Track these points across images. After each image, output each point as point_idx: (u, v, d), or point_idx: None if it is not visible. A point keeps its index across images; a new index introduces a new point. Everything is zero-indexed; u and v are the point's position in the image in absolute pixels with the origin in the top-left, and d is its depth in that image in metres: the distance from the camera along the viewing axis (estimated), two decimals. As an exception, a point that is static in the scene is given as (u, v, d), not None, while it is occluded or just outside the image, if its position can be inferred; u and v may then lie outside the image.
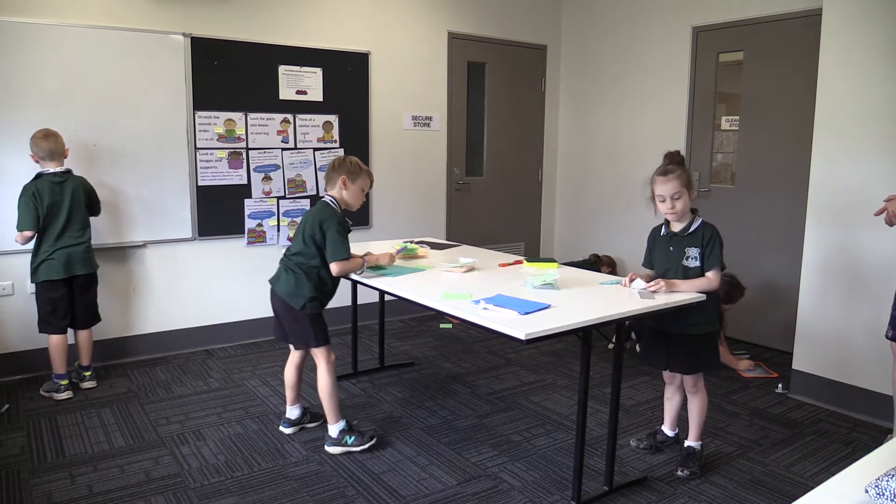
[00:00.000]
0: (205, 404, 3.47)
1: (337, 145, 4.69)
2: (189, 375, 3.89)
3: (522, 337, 2.10)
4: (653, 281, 2.62)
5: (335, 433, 2.93)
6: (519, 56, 5.67)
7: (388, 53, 4.92)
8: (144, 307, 4.18)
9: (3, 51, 3.54)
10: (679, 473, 2.76)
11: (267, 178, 4.48)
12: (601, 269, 4.96)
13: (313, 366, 3.03)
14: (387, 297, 3.41)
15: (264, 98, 4.39)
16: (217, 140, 4.25)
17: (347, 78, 4.73)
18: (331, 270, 2.84)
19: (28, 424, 3.18)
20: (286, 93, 4.47)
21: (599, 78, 5.54)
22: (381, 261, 3.09)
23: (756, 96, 4.46)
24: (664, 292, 2.57)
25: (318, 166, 4.67)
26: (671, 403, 2.99)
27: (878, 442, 2.98)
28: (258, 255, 4.54)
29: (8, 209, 3.52)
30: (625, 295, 2.62)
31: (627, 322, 2.54)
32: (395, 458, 2.89)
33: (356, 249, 3.01)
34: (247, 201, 4.43)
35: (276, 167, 4.50)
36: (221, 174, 4.30)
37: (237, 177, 4.36)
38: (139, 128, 3.98)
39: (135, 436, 3.08)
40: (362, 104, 4.83)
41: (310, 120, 4.60)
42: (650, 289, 2.58)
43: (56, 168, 3.41)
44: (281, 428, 3.14)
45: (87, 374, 3.64)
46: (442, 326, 5.01)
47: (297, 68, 4.50)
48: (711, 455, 2.96)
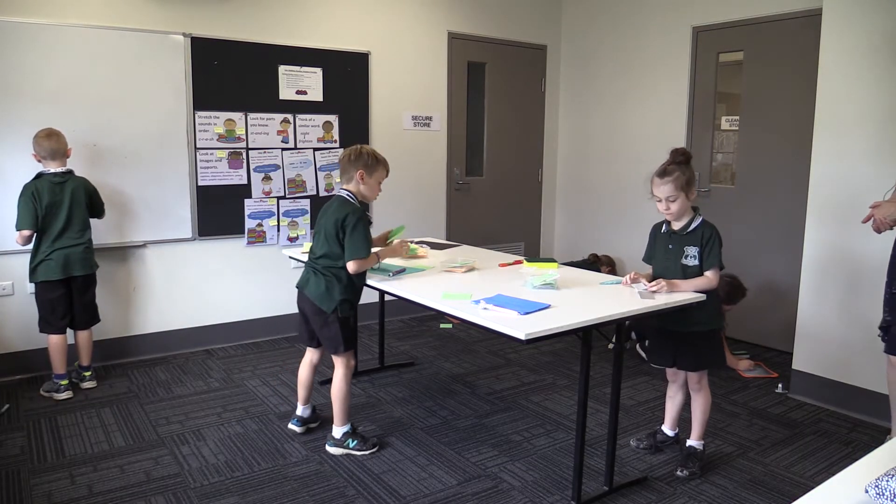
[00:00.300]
0: (205, 404, 3.47)
1: (337, 145, 4.69)
2: (189, 375, 3.89)
3: (522, 337, 2.10)
4: (654, 281, 2.62)
5: (339, 435, 2.93)
6: (519, 56, 5.67)
7: (388, 53, 4.92)
8: (144, 307, 4.18)
9: (3, 51, 3.55)
10: (679, 473, 2.76)
11: (267, 178, 4.48)
12: (600, 269, 4.96)
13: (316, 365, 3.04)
14: (387, 297, 3.41)
15: (264, 98, 4.39)
16: (217, 140, 4.25)
17: (347, 78, 4.73)
18: (349, 268, 2.76)
19: (28, 424, 3.18)
20: (286, 93, 4.47)
21: (599, 78, 5.54)
22: (397, 252, 3.05)
23: (756, 96, 4.46)
24: (665, 292, 2.57)
25: (318, 166, 4.67)
26: (673, 403, 2.99)
27: (879, 442, 2.98)
28: (258, 255, 4.54)
29: (8, 209, 3.53)
30: (625, 295, 2.62)
31: (627, 322, 2.54)
32: (395, 458, 2.89)
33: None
34: (247, 201, 4.43)
35: (276, 167, 4.50)
36: (221, 174, 4.30)
37: (237, 177, 4.36)
38: (139, 128, 3.98)
39: (135, 436, 3.08)
40: (362, 104, 4.83)
41: (310, 120, 4.60)
42: (651, 289, 2.58)
43: (58, 168, 3.41)
44: (292, 426, 3.11)
45: (87, 374, 3.64)
46: (442, 326, 5.01)
47: (297, 68, 4.50)
48: (711, 455, 2.96)
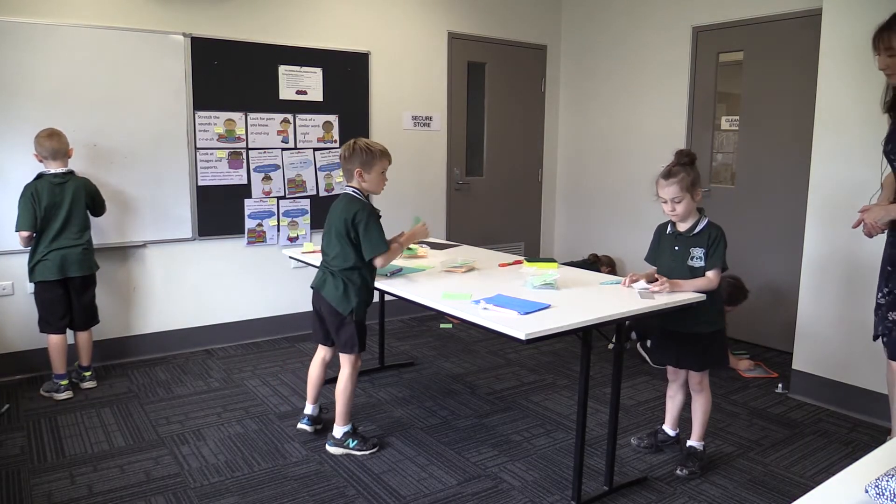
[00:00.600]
0: (205, 404, 3.47)
1: (337, 145, 4.68)
2: (189, 375, 3.89)
3: (522, 337, 2.10)
4: (658, 280, 2.62)
5: (339, 434, 2.92)
6: (519, 56, 5.67)
7: (388, 53, 4.92)
8: (144, 307, 4.18)
9: (3, 51, 3.54)
10: (679, 473, 2.76)
11: (267, 178, 4.48)
12: (600, 269, 4.96)
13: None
14: (387, 297, 3.40)
15: (264, 98, 4.39)
16: (217, 140, 4.25)
17: (347, 78, 4.73)
18: (375, 265, 2.75)
19: (28, 424, 3.18)
20: (286, 93, 4.47)
21: (599, 78, 5.54)
22: (418, 236, 3.02)
23: (756, 96, 4.46)
24: (667, 292, 2.57)
25: (318, 166, 4.67)
26: (673, 402, 2.99)
27: (879, 442, 2.98)
28: (258, 255, 4.54)
29: (8, 209, 3.53)
30: (625, 295, 2.62)
31: (627, 322, 2.54)
32: (395, 458, 2.89)
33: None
34: (247, 201, 4.43)
35: (276, 167, 4.50)
36: (221, 174, 4.30)
37: (237, 177, 4.36)
38: (139, 128, 3.98)
39: (135, 436, 3.08)
40: (362, 104, 4.83)
41: (310, 120, 4.60)
42: (653, 289, 2.58)
43: (59, 168, 3.41)
44: (302, 426, 3.09)
45: (87, 374, 3.64)
46: (442, 326, 5.01)
47: (297, 68, 4.50)
48: (711, 455, 2.96)
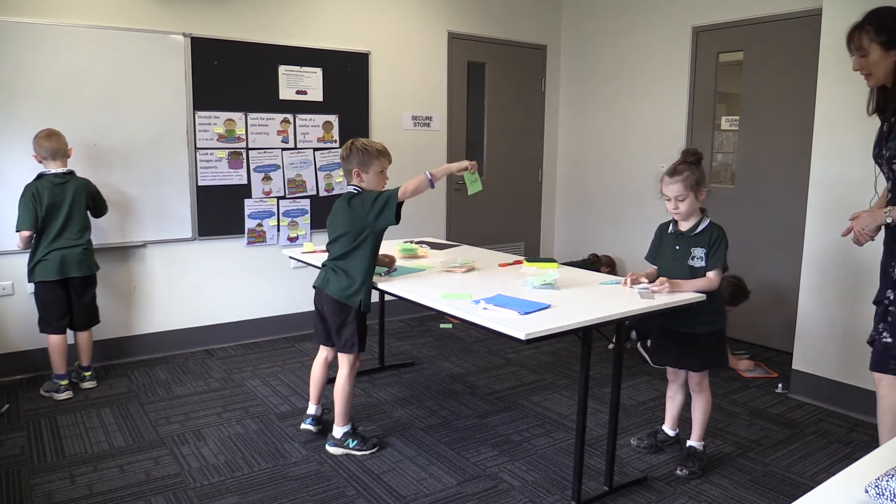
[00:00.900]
0: (205, 404, 3.47)
1: (337, 145, 4.68)
2: (189, 375, 3.89)
3: (522, 337, 2.10)
4: (657, 280, 2.62)
5: (339, 434, 2.93)
6: (519, 56, 5.67)
7: (388, 53, 4.92)
8: (144, 307, 4.18)
9: (3, 51, 3.54)
10: (678, 472, 2.76)
11: (267, 178, 4.48)
12: (600, 269, 4.96)
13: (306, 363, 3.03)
14: (387, 297, 3.40)
15: (264, 98, 4.39)
16: (217, 140, 4.25)
17: (347, 78, 4.72)
18: (399, 195, 2.69)
19: (28, 424, 3.18)
20: (286, 93, 4.47)
21: (599, 78, 5.54)
22: (453, 169, 2.89)
23: (756, 96, 4.46)
24: (667, 292, 2.57)
25: (318, 166, 4.67)
26: (673, 402, 2.99)
27: (878, 442, 2.98)
28: (258, 255, 4.54)
29: (8, 209, 3.53)
30: (625, 295, 2.62)
31: (627, 322, 2.54)
32: (396, 458, 2.89)
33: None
34: (247, 201, 4.43)
35: (276, 167, 4.50)
36: (221, 174, 4.30)
37: (237, 177, 4.36)
38: (139, 128, 3.98)
39: (135, 436, 3.08)
40: (362, 104, 4.83)
41: (310, 120, 4.60)
42: (654, 289, 2.58)
43: (58, 168, 3.41)
44: (306, 426, 3.09)
45: (87, 375, 3.64)
46: (442, 326, 5.01)
47: (297, 68, 4.50)
48: (711, 455, 2.96)
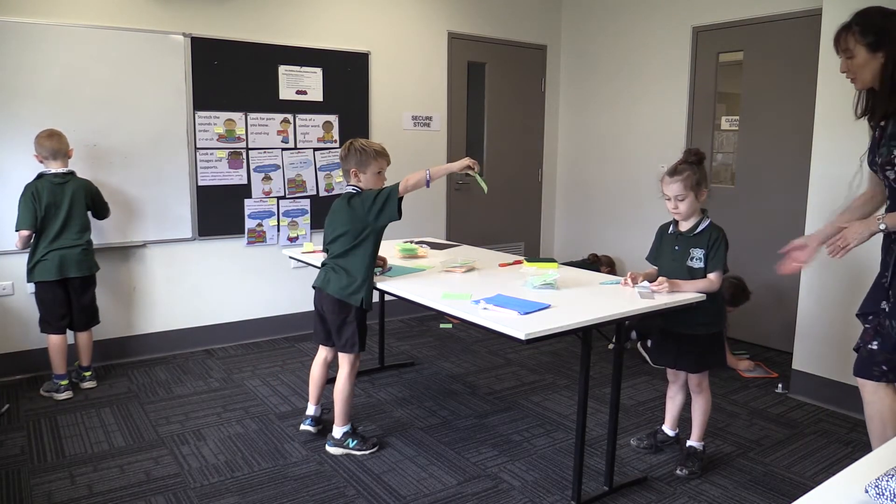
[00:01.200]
0: (205, 404, 3.47)
1: (337, 145, 4.68)
2: (189, 375, 3.89)
3: (522, 337, 2.10)
4: (656, 280, 2.62)
5: (339, 434, 2.93)
6: (519, 56, 5.67)
7: (388, 53, 4.92)
8: (144, 307, 4.18)
9: (3, 51, 3.54)
10: (678, 472, 2.76)
11: (267, 178, 4.48)
12: (600, 269, 4.96)
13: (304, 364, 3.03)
14: (387, 297, 3.40)
15: (264, 98, 4.39)
16: (217, 140, 4.25)
17: (347, 78, 4.72)
18: (399, 191, 2.70)
19: (28, 424, 3.18)
20: (286, 93, 4.47)
21: (599, 78, 5.54)
22: (455, 168, 2.89)
23: (756, 96, 4.46)
24: (667, 292, 2.57)
25: (318, 166, 4.67)
26: (673, 403, 2.98)
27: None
28: (258, 255, 4.54)
29: (8, 209, 3.53)
30: (625, 295, 2.62)
31: (627, 322, 2.54)
32: (396, 458, 2.89)
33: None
34: (247, 201, 4.43)
35: (276, 167, 4.50)
36: (221, 174, 4.30)
37: (237, 177, 4.36)
38: (139, 128, 3.98)
39: (135, 436, 3.08)
40: (362, 104, 4.83)
41: (310, 120, 4.60)
42: (654, 288, 2.58)
43: (59, 168, 3.41)
44: (306, 427, 3.08)
45: (87, 375, 3.64)
46: (442, 326, 5.01)
47: (297, 68, 4.50)
48: (711, 455, 2.96)
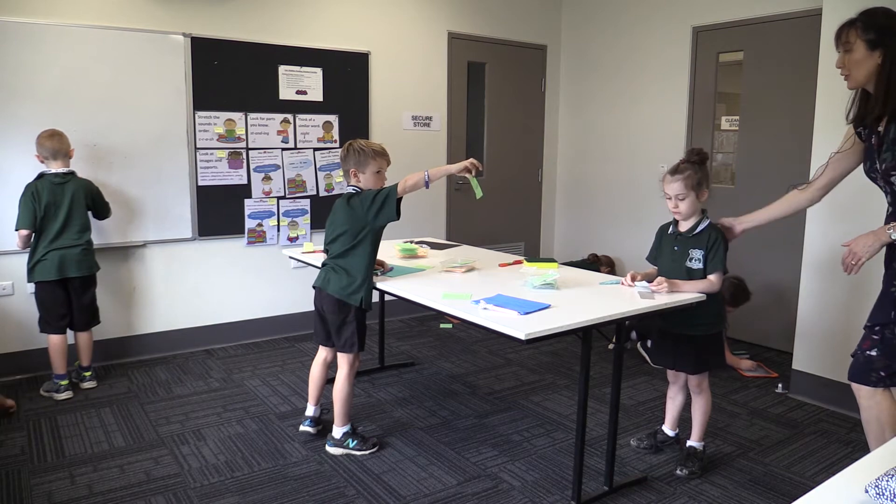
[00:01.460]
0: (205, 404, 3.47)
1: (337, 145, 4.68)
2: (189, 375, 3.89)
3: (522, 337, 2.10)
4: (656, 280, 2.61)
5: (339, 435, 2.93)
6: (519, 56, 5.67)
7: (388, 53, 4.92)
8: (144, 307, 4.18)
9: (3, 51, 3.54)
10: (678, 472, 2.76)
11: (267, 178, 4.48)
12: (600, 269, 4.96)
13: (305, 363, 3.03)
14: (387, 297, 3.40)
15: (264, 98, 4.39)
16: (217, 140, 4.25)
17: (347, 78, 4.72)
18: (398, 189, 2.75)
19: (28, 424, 3.18)
20: (286, 93, 4.47)
21: (599, 78, 5.54)
22: (452, 170, 2.89)
23: (756, 96, 4.46)
24: (667, 292, 2.57)
25: (318, 166, 4.67)
26: (673, 403, 2.98)
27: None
28: (258, 255, 4.54)
29: (8, 209, 3.53)
30: (625, 295, 2.62)
31: (627, 322, 2.54)
32: (396, 458, 2.89)
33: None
34: (247, 201, 4.43)
35: (276, 167, 4.50)
36: (221, 174, 4.30)
37: (237, 177, 4.36)
38: (139, 128, 3.98)
39: (135, 436, 3.08)
40: (362, 104, 4.83)
41: (310, 120, 4.60)
42: (653, 288, 2.57)
43: (59, 168, 3.41)
44: (305, 427, 3.08)
45: (87, 375, 3.64)
46: (442, 326, 5.01)
47: (297, 68, 4.50)
48: (711, 455, 2.95)
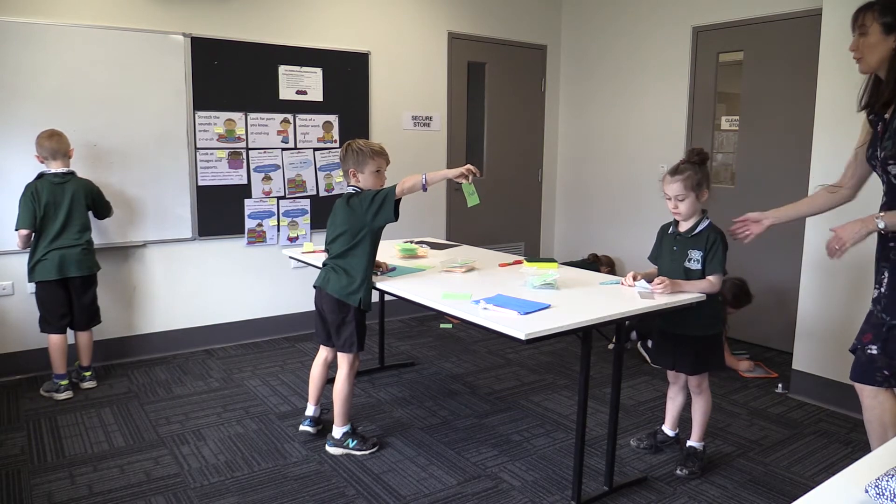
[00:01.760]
0: (205, 404, 3.47)
1: (337, 145, 4.68)
2: (189, 375, 3.89)
3: (522, 337, 2.10)
4: (656, 279, 2.60)
5: (339, 435, 2.93)
6: (519, 56, 5.67)
7: (388, 53, 4.92)
8: (144, 307, 4.18)
9: (3, 51, 3.54)
10: (678, 472, 2.76)
11: (267, 178, 4.48)
12: (599, 269, 4.96)
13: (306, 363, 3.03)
14: (387, 297, 3.40)
15: (264, 98, 4.39)
16: (217, 140, 4.25)
17: (347, 78, 4.72)
18: (396, 191, 2.75)
19: (28, 424, 3.18)
20: (286, 93, 4.47)
21: (599, 78, 5.54)
22: (450, 174, 2.87)
23: (756, 96, 4.46)
24: (667, 293, 2.55)
25: (318, 166, 4.67)
26: (674, 403, 2.98)
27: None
28: (258, 255, 4.54)
29: (8, 209, 3.53)
30: (625, 295, 2.62)
31: (627, 322, 2.54)
32: (395, 458, 2.89)
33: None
34: (247, 201, 4.43)
35: (276, 167, 4.50)
36: (221, 174, 4.30)
37: (237, 177, 4.36)
38: (139, 128, 3.98)
39: (135, 436, 3.08)
40: (362, 104, 4.83)
41: (310, 120, 4.60)
42: (653, 288, 2.57)
43: (59, 168, 3.41)
44: (305, 427, 3.08)
45: (88, 375, 3.64)
46: (442, 326, 5.01)
47: (297, 68, 4.50)
48: (711, 455, 2.95)
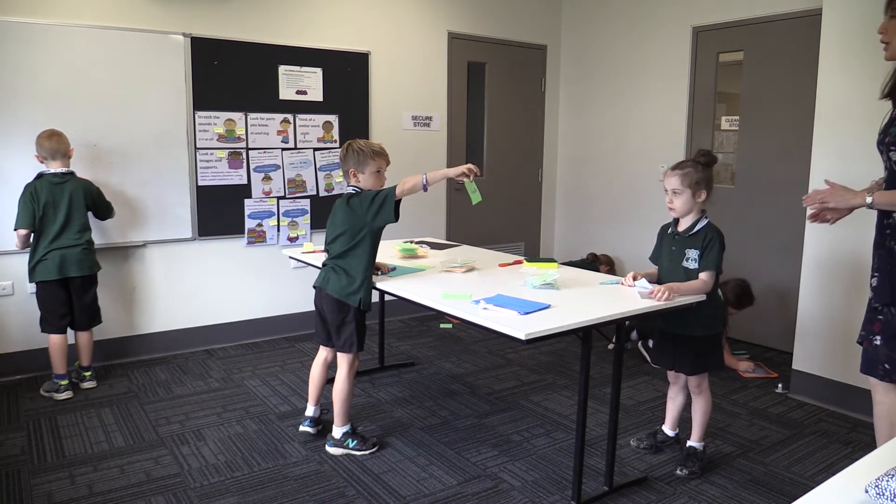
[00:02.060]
0: (205, 404, 3.47)
1: (337, 145, 4.69)
2: (189, 375, 3.89)
3: (522, 337, 2.10)
4: (653, 288, 2.56)
5: (339, 435, 2.93)
6: (519, 56, 5.67)
7: (388, 53, 4.92)
8: (144, 307, 4.18)
9: (3, 51, 3.54)
10: (678, 472, 2.76)
11: (267, 178, 4.48)
12: (599, 269, 4.96)
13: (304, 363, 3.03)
14: (387, 297, 3.40)
15: (264, 98, 4.39)
16: (217, 140, 4.25)
17: (347, 78, 4.72)
18: (396, 192, 2.74)
19: (28, 424, 3.18)
20: (286, 93, 4.47)
21: (599, 78, 5.54)
22: (450, 174, 2.87)
23: (756, 96, 4.46)
24: (665, 300, 2.48)
25: (318, 166, 4.67)
26: (674, 403, 2.98)
27: (877, 444, 2.97)
28: (258, 255, 4.54)
29: (8, 209, 3.53)
30: (625, 295, 2.62)
31: (627, 322, 2.54)
32: (395, 458, 2.89)
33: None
34: (247, 201, 4.43)
35: (276, 167, 4.50)
36: (221, 174, 4.30)
37: (237, 177, 4.36)
38: (139, 128, 3.98)
39: (135, 436, 3.08)
40: (362, 104, 4.83)
41: (310, 120, 4.60)
42: (652, 296, 2.53)
43: (59, 168, 3.41)
44: (305, 427, 3.08)
45: (88, 375, 3.64)
46: (442, 326, 5.01)
47: (297, 68, 4.50)
48: (711, 455, 2.95)
